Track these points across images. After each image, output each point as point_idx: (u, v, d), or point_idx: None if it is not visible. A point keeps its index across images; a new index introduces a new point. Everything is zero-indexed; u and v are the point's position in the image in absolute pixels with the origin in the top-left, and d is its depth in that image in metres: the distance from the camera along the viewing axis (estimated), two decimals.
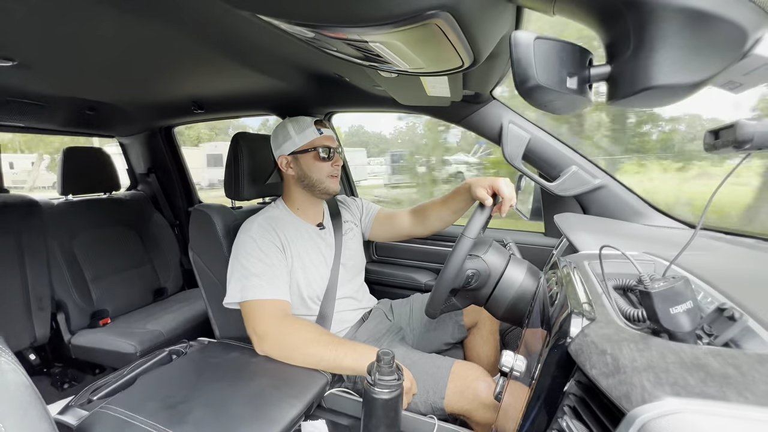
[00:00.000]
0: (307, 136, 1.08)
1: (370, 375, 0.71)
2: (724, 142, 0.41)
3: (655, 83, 0.33)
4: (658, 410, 0.30)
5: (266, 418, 0.75)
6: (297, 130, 1.09)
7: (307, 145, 1.08)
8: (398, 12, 0.42)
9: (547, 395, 0.47)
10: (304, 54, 0.98)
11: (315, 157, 1.08)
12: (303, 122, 1.10)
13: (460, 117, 1.25)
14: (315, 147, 1.08)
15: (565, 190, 1.07)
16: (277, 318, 0.94)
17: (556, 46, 0.36)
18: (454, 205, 1.16)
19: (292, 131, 1.09)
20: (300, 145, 1.08)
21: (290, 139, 1.09)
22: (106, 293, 1.72)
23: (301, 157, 1.09)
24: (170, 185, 2.22)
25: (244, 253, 0.99)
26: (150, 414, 0.75)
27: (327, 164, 1.10)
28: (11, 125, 1.67)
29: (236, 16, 0.67)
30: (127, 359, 1.41)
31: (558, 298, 0.55)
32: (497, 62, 0.84)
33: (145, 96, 1.55)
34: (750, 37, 0.32)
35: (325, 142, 1.10)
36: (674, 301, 0.37)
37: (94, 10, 0.73)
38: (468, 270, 0.86)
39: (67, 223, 1.69)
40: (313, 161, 1.09)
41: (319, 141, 1.09)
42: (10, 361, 0.47)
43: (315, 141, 1.08)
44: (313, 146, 1.08)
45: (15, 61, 0.99)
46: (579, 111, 0.43)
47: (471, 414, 0.90)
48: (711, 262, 0.67)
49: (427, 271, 1.64)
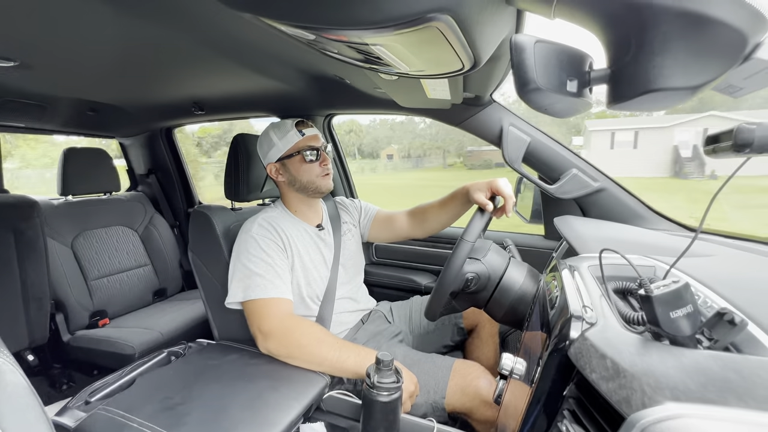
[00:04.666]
0: (289, 141, 1.06)
1: (369, 377, 0.71)
2: (723, 146, 0.41)
3: (656, 87, 0.33)
4: (658, 415, 0.30)
5: (265, 420, 0.75)
6: (279, 135, 1.07)
7: (292, 149, 1.07)
8: (399, 15, 0.42)
9: (546, 399, 0.47)
10: (304, 56, 0.98)
11: (301, 161, 1.07)
12: (284, 127, 1.08)
13: (460, 120, 1.25)
14: (299, 150, 1.06)
15: (565, 193, 1.07)
16: (282, 316, 0.94)
17: (556, 49, 0.36)
18: (452, 209, 1.16)
19: (274, 138, 1.08)
20: (284, 150, 1.07)
21: (274, 146, 1.08)
22: (106, 294, 1.71)
23: (288, 162, 1.08)
24: (170, 186, 2.22)
25: (246, 253, 0.99)
26: (148, 416, 0.75)
27: (315, 165, 1.08)
28: (12, 125, 1.68)
29: (237, 18, 0.67)
30: (126, 360, 1.41)
31: (558, 301, 0.55)
32: (497, 65, 0.84)
33: (146, 97, 1.55)
34: (750, 41, 0.32)
35: (309, 143, 1.07)
36: (674, 305, 0.37)
37: (95, 11, 0.73)
38: (467, 273, 0.86)
39: (66, 223, 1.69)
40: (300, 165, 1.07)
41: (302, 143, 1.07)
42: (8, 362, 0.47)
43: (298, 144, 1.07)
44: (297, 150, 1.06)
45: (16, 62, 1.00)
46: (579, 114, 0.43)
47: (472, 412, 0.89)
48: (711, 266, 0.67)
49: (426, 273, 1.64)
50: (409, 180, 20.09)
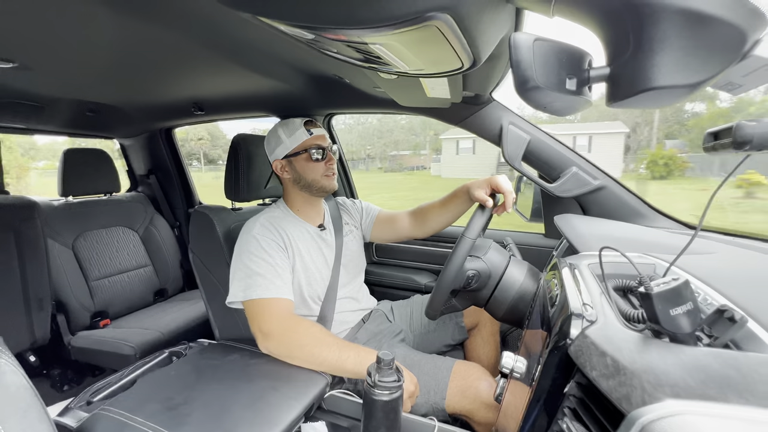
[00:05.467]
0: (297, 139, 1.07)
1: (370, 376, 0.71)
2: (723, 143, 0.41)
3: (655, 84, 0.33)
4: (659, 412, 0.30)
5: (266, 419, 0.75)
6: (287, 133, 1.08)
7: (299, 147, 1.08)
8: (398, 14, 0.42)
9: (547, 397, 0.47)
10: (303, 55, 0.98)
11: (308, 159, 1.08)
12: (292, 125, 1.09)
13: (459, 118, 1.25)
14: (306, 149, 1.07)
15: (565, 191, 1.07)
16: (283, 317, 0.94)
17: (555, 47, 0.36)
18: (453, 208, 1.16)
19: (282, 135, 1.09)
20: (292, 148, 1.08)
21: (282, 143, 1.09)
22: (107, 294, 1.72)
23: (294, 160, 1.09)
24: (170, 187, 2.22)
25: (247, 253, 0.99)
26: (150, 415, 0.75)
27: (321, 164, 1.09)
28: (12, 126, 1.67)
29: (236, 17, 0.67)
30: (127, 361, 1.41)
31: (558, 299, 0.55)
32: (497, 64, 0.84)
33: (146, 97, 1.55)
34: (749, 39, 0.32)
35: (316, 142, 1.09)
36: (674, 303, 0.37)
37: (94, 11, 0.73)
38: (468, 271, 0.86)
39: (67, 224, 1.69)
40: (306, 163, 1.08)
41: (310, 142, 1.08)
42: (9, 363, 0.47)
43: (306, 142, 1.08)
44: (305, 148, 1.07)
45: (15, 63, 0.99)
46: (579, 112, 0.43)
47: (472, 414, 0.90)
48: (711, 264, 0.67)
49: (427, 273, 1.64)
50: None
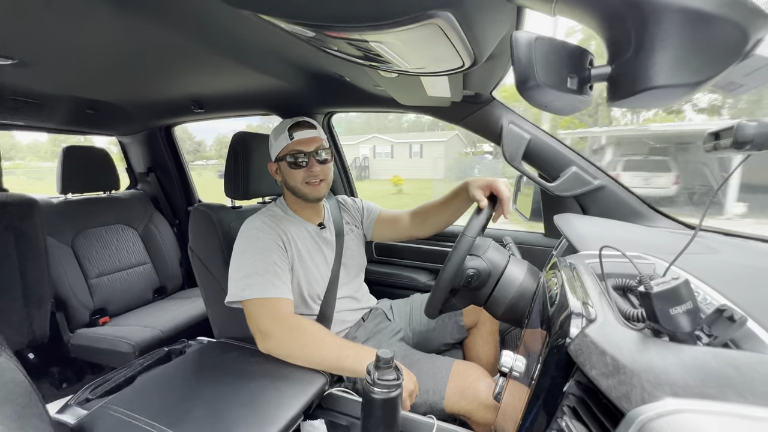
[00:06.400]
0: (281, 143, 1.05)
1: (369, 374, 0.71)
2: (724, 143, 0.41)
3: (656, 84, 0.33)
4: (658, 410, 0.30)
5: (265, 417, 0.75)
6: (275, 136, 1.07)
7: (282, 151, 1.06)
8: (399, 12, 0.42)
9: (546, 395, 0.47)
10: (304, 53, 0.98)
11: (289, 165, 1.05)
12: (280, 127, 1.07)
13: (460, 117, 1.25)
14: (287, 154, 1.05)
15: (564, 191, 1.07)
16: (282, 317, 0.94)
17: (556, 46, 0.36)
18: (454, 206, 1.16)
19: (272, 137, 1.08)
20: (277, 152, 1.07)
21: (272, 145, 1.08)
22: (106, 292, 1.72)
23: (280, 164, 1.08)
24: (170, 184, 2.22)
25: (247, 252, 0.98)
26: (149, 413, 0.75)
27: (301, 171, 1.05)
28: (10, 124, 1.67)
29: (236, 15, 0.67)
30: (126, 358, 1.41)
31: (558, 298, 0.55)
32: (498, 62, 0.84)
33: (145, 95, 1.55)
34: (751, 38, 0.32)
35: (296, 147, 1.04)
36: (674, 302, 0.37)
37: (94, 9, 0.73)
38: (468, 269, 0.86)
39: (66, 221, 1.69)
40: (288, 168, 1.06)
41: (290, 147, 1.04)
42: (9, 360, 0.47)
43: (287, 147, 1.04)
44: (285, 153, 1.05)
45: (14, 60, 0.99)
46: (579, 111, 0.43)
47: (471, 414, 0.90)
48: (711, 263, 0.67)
49: (426, 271, 1.64)
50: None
